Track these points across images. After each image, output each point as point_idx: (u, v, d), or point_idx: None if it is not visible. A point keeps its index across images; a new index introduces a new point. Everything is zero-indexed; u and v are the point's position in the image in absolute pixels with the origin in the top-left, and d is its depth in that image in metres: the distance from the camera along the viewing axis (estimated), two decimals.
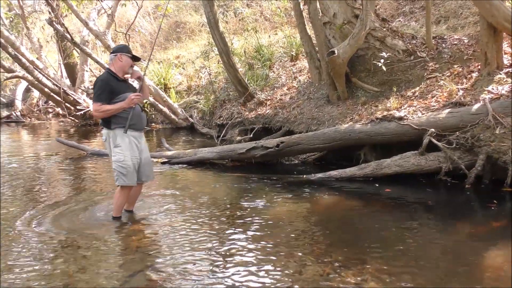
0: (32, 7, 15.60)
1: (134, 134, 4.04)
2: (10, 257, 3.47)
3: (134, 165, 4.03)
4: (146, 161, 4.21)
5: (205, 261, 3.28)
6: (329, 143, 5.77)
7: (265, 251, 3.42)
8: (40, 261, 3.39)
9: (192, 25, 15.06)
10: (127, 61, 4.06)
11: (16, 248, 3.64)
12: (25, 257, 3.46)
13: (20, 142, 10.51)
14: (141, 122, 4.11)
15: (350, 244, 3.56)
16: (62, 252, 3.57)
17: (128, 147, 4.00)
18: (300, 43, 9.10)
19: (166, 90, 11.25)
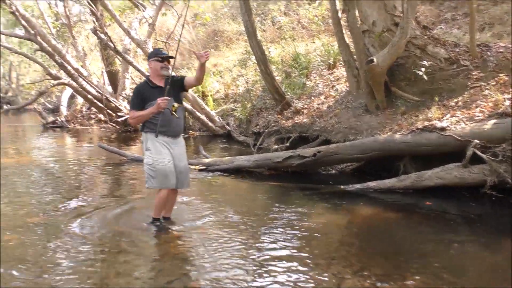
0: (77, 17, 16.26)
1: (166, 140, 4.03)
2: (49, 258, 3.59)
3: (165, 169, 3.98)
4: (181, 169, 4.12)
5: (240, 270, 3.28)
6: (367, 153, 5.68)
7: (302, 262, 3.39)
8: (79, 264, 3.49)
9: (229, 34, 15.23)
10: (155, 65, 4.07)
11: (56, 250, 3.76)
12: (64, 259, 3.57)
13: (64, 147, 10.91)
14: (172, 128, 4.03)
15: (390, 258, 3.48)
16: (101, 256, 3.67)
17: (157, 151, 4.00)
18: (337, 52, 9.03)
19: (204, 98, 11.41)
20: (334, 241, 3.87)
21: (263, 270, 3.27)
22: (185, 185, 4.27)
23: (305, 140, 7.35)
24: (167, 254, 3.69)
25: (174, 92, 4.03)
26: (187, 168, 4.29)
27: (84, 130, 13.68)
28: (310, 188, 5.64)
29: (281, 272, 3.22)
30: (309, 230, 4.12)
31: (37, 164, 8.11)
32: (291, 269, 3.26)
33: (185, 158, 4.24)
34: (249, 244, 3.82)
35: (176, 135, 4.11)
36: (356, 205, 4.94)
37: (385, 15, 6.49)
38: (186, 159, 4.25)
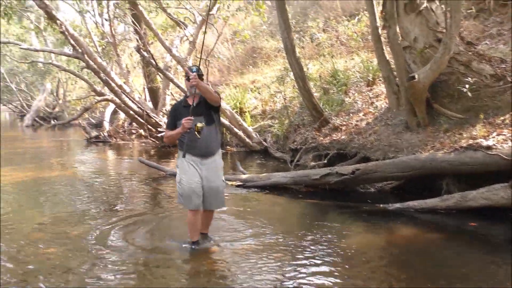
0: (122, 36, 16.89)
1: (194, 159, 3.96)
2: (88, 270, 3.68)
3: (192, 189, 3.91)
4: (209, 190, 4.00)
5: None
6: (408, 171, 5.52)
7: (339, 283, 3.31)
8: (117, 277, 3.55)
9: (268, 51, 15.37)
10: (186, 84, 4.08)
11: (95, 262, 3.86)
12: (103, 271, 3.65)
13: (106, 161, 11.26)
14: (198, 147, 3.92)
15: (431, 280, 3.35)
16: (138, 269, 3.72)
17: (184, 170, 3.97)
18: (377, 68, 8.92)
19: (242, 114, 11.50)
20: (372, 261, 3.76)
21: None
22: (213, 206, 4.13)
23: (343, 157, 7.24)
24: (203, 270, 3.70)
25: (204, 111, 3.94)
26: (218, 189, 4.08)
27: (125, 144, 14.07)
28: (348, 206, 5.54)
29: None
30: (346, 249, 4.03)
31: (80, 178, 8.39)
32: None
33: (218, 179, 4.06)
34: (285, 262, 3.78)
35: (203, 155, 3.98)
36: (396, 224, 4.80)
37: (427, 31, 6.37)
38: (218, 180, 4.06)
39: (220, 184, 4.08)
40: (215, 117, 4.06)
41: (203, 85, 3.81)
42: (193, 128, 3.77)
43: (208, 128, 3.90)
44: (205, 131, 3.84)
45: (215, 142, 4.05)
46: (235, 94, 12.38)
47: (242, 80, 14.35)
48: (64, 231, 4.78)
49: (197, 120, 3.81)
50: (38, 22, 18.38)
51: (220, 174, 4.10)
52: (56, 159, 11.27)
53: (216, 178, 4.05)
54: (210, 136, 3.96)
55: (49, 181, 7.88)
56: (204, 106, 3.95)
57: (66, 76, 26.30)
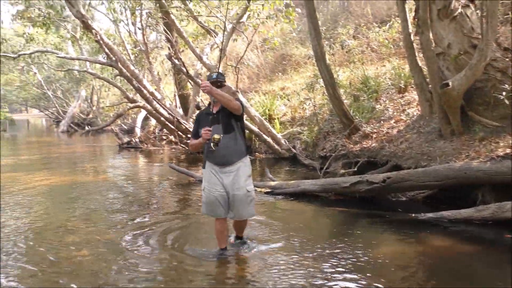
0: (154, 44, 17.25)
1: (214, 168, 3.93)
2: (120, 275, 3.74)
3: (215, 197, 3.90)
4: (234, 199, 3.90)
5: None
6: (441, 181, 5.37)
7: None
8: (148, 281, 3.60)
9: (297, 58, 15.37)
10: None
11: (126, 267, 3.92)
12: (134, 276, 3.71)
13: (137, 167, 11.48)
14: (216, 157, 3.86)
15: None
16: (168, 273, 3.75)
17: (206, 178, 3.99)
18: (409, 75, 8.77)
19: (271, 121, 11.51)
20: (402, 272, 3.67)
21: None
22: (240, 215, 3.99)
23: (374, 165, 7.13)
24: (231, 276, 3.71)
25: (224, 119, 3.87)
26: (242, 198, 3.92)
27: (156, 150, 14.31)
28: (378, 215, 5.43)
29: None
30: (375, 259, 3.95)
31: (112, 183, 8.58)
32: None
33: (241, 187, 3.90)
34: (312, 270, 3.74)
35: (222, 164, 3.90)
36: (428, 235, 4.67)
37: (462, 37, 6.22)
38: (242, 188, 3.91)
39: (244, 192, 3.90)
40: (235, 125, 3.93)
41: (217, 92, 3.69)
42: (210, 139, 3.72)
43: (227, 137, 3.81)
44: (223, 141, 3.74)
45: (235, 151, 3.90)
46: (264, 101, 12.41)
47: (272, 87, 14.38)
48: (96, 234, 4.90)
49: (216, 129, 3.76)
50: (74, 31, 19.00)
51: (244, 182, 3.92)
52: (89, 164, 11.58)
53: (239, 187, 3.90)
54: (229, 145, 3.83)
55: (82, 185, 8.10)
56: (225, 114, 3.87)
57: (100, 83, 27.09)
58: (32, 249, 4.46)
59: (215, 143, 3.69)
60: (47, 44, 19.50)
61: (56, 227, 5.27)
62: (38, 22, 14.86)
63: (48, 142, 19.89)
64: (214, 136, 3.70)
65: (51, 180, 8.65)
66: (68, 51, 23.03)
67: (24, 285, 3.60)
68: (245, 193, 3.91)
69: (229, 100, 3.75)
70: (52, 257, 4.23)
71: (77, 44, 20.37)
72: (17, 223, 5.46)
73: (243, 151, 3.97)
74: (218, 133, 3.74)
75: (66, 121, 27.25)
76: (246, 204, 3.93)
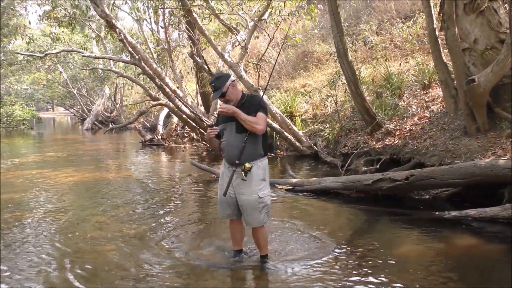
0: (176, 42, 17.39)
1: (226, 167, 3.73)
2: (142, 269, 3.80)
3: (222, 198, 3.68)
4: (241, 203, 3.62)
5: None
6: (465, 178, 5.26)
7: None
8: (168, 277, 3.65)
9: (319, 55, 15.27)
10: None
11: (148, 262, 3.98)
12: (155, 271, 3.77)
13: (159, 163, 11.62)
14: (227, 156, 3.67)
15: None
16: (184, 271, 3.78)
17: (220, 177, 3.85)
18: (433, 71, 8.62)
19: (292, 118, 11.49)
20: (427, 272, 3.61)
21: None
22: (248, 221, 3.67)
23: (396, 162, 7.04)
24: (249, 275, 3.71)
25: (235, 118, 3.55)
26: (254, 203, 3.57)
27: (177, 148, 14.45)
28: (400, 213, 5.37)
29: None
30: (399, 258, 3.91)
31: (135, 179, 8.71)
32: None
33: (248, 192, 3.56)
34: (334, 268, 3.71)
35: (230, 162, 3.63)
36: (453, 234, 4.59)
37: (489, 32, 6.08)
38: (249, 194, 3.56)
39: (254, 198, 3.55)
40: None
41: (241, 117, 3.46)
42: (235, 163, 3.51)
43: (240, 137, 3.52)
44: (233, 140, 3.55)
45: (246, 152, 3.52)
46: (285, 98, 12.39)
47: (293, 84, 14.34)
48: (120, 230, 4.98)
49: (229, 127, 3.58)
50: (99, 31, 19.35)
51: (255, 187, 3.56)
52: (113, 161, 11.79)
53: (246, 191, 3.57)
54: (239, 145, 3.51)
55: (106, 182, 8.25)
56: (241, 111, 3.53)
57: (123, 81, 27.50)
58: (56, 243, 4.56)
59: (245, 172, 3.46)
60: (72, 44, 19.92)
61: (81, 222, 5.39)
62: (64, 22, 15.17)
63: (73, 140, 20.32)
64: (245, 164, 3.47)
65: (76, 176, 8.84)
66: (92, 50, 23.50)
67: (48, 278, 3.70)
68: (256, 199, 3.55)
69: (252, 124, 3.46)
70: (78, 252, 4.32)
71: (101, 43, 20.75)
72: (43, 217, 5.60)
73: (256, 152, 3.58)
74: (231, 131, 3.56)
75: (91, 119, 27.77)
76: (255, 210, 3.57)
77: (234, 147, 3.54)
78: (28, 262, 4.07)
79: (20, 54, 19.29)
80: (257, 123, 3.47)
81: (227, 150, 3.62)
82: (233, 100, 3.58)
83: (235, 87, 3.62)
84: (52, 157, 12.88)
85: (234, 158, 3.53)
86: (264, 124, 3.55)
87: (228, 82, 3.56)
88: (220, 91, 3.54)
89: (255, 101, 3.62)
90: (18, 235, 4.88)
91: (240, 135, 3.52)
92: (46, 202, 6.56)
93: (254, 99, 3.66)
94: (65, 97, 36.18)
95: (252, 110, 3.51)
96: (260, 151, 3.61)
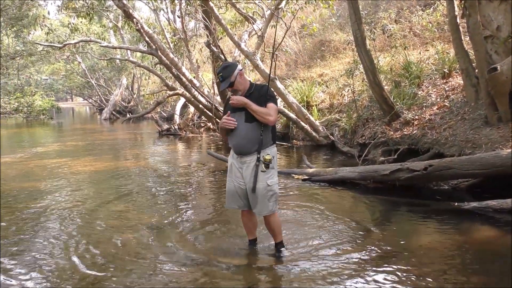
0: (193, 32, 17.38)
1: (234, 157, 3.68)
2: (158, 259, 3.85)
3: (229, 188, 3.72)
4: (250, 192, 3.57)
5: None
6: (486, 169, 5.16)
7: (409, 281, 3.19)
8: (183, 267, 3.68)
9: (336, 43, 15.09)
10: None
11: (165, 252, 4.02)
12: (171, 261, 3.82)
13: (176, 153, 11.70)
14: (235, 145, 3.60)
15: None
16: (200, 262, 3.79)
17: (229, 167, 3.78)
18: (453, 59, 8.44)
19: (309, 108, 11.41)
20: (446, 263, 3.56)
21: (366, 285, 3.13)
22: (259, 210, 3.61)
23: (414, 153, 6.95)
24: (263, 266, 3.71)
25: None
26: (263, 191, 3.54)
27: (194, 137, 14.52)
28: (418, 203, 5.30)
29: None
30: (417, 249, 3.87)
31: (153, 169, 8.79)
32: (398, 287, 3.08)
33: (260, 180, 3.53)
34: (351, 258, 3.69)
35: (239, 153, 3.61)
36: (473, 225, 4.52)
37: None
38: (261, 181, 3.52)
39: (263, 186, 3.52)
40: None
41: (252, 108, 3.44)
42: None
43: (249, 126, 3.48)
44: (242, 129, 3.50)
45: (254, 140, 3.50)
46: (302, 87, 12.30)
47: (310, 74, 14.23)
48: (137, 219, 5.04)
49: (238, 116, 3.51)
50: (116, 21, 19.45)
51: (262, 175, 3.52)
52: (130, 151, 11.92)
53: (260, 178, 3.52)
54: (248, 134, 3.49)
55: (124, 171, 8.35)
56: (251, 100, 3.48)
57: (140, 71, 27.68)
58: (74, 231, 4.64)
59: (266, 164, 3.47)
60: (90, 34, 20.10)
61: (99, 210, 5.47)
62: (82, 13, 15.29)
63: (91, 129, 20.60)
64: (265, 156, 3.47)
65: (95, 165, 8.96)
66: (110, 40, 23.65)
67: (62, 264, 3.77)
68: (265, 187, 3.53)
69: (264, 115, 3.43)
70: (96, 239, 4.39)
71: (119, 33, 20.89)
72: (62, 206, 5.70)
73: (268, 141, 3.56)
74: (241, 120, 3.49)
75: (109, 108, 28.06)
76: (265, 198, 3.54)
77: (244, 137, 3.50)
78: (43, 247, 4.17)
79: (39, 45, 19.52)
80: (269, 114, 3.43)
81: (236, 141, 3.55)
82: (241, 89, 3.53)
83: (243, 77, 3.55)
84: (72, 146, 13.09)
85: (245, 148, 3.51)
86: (276, 115, 3.51)
87: (236, 71, 3.48)
88: (228, 81, 3.47)
89: (264, 91, 3.54)
90: (36, 221, 4.99)
91: (250, 124, 3.47)
92: (65, 190, 6.67)
93: (263, 89, 3.57)
94: (83, 87, 36.62)
95: (261, 100, 3.46)
96: (270, 139, 3.58)
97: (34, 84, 26.40)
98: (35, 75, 29.02)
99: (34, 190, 6.64)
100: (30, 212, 5.43)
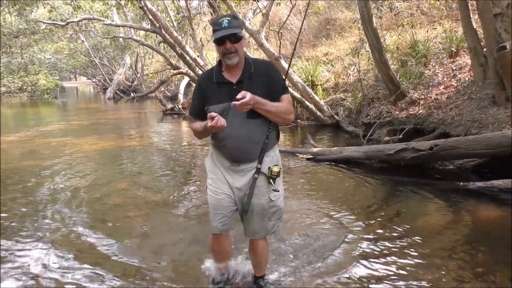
0: (197, 10, 17.16)
1: (224, 165, 2.61)
2: (167, 235, 3.88)
3: (218, 202, 2.59)
4: (252, 208, 2.57)
5: (350, 270, 3.20)
6: (492, 149, 5.11)
7: (415, 261, 3.20)
8: (192, 243, 3.70)
9: (342, 22, 14.88)
10: (217, 49, 2.51)
11: (166, 228, 4.05)
12: (172, 235, 3.83)
13: (180, 132, 11.70)
14: (231, 149, 2.53)
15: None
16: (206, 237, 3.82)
17: (211, 170, 2.68)
18: (461, 38, 8.31)
19: (313, 87, 11.32)
20: (452, 241, 3.57)
21: (372, 266, 3.15)
22: (255, 231, 2.67)
23: (420, 132, 6.91)
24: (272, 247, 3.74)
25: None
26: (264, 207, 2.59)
27: None
28: (423, 183, 5.29)
29: (393, 269, 3.08)
30: (422, 228, 3.89)
31: (157, 147, 8.81)
32: (405, 269, 3.09)
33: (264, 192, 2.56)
34: (357, 239, 3.70)
35: (238, 160, 2.56)
36: (478, 204, 4.52)
37: None
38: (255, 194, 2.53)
39: (265, 200, 2.57)
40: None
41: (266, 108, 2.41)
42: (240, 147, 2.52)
43: (252, 123, 2.47)
44: (243, 128, 2.47)
45: (258, 145, 2.51)
46: (307, 67, 12.19)
47: (315, 53, 14.06)
48: (142, 197, 5.08)
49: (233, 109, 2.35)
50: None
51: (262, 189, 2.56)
52: (135, 130, 11.93)
53: (261, 192, 2.56)
54: (251, 135, 2.49)
55: (129, 150, 8.37)
56: (253, 86, 2.44)
57: (144, 50, 27.47)
58: (78, 208, 4.68)
59: (273, 178, 2.52)
60: (93, 12, 19.85)
61: (105, 188, 5.51)
62: None
63: (95, 109, 20.59)
64: (272, 168, 2.52)
65: (99, 144, 8.99)
66: (113, 18, 23.38)
67: (72, 244, 3.81)
68: (267, 202, 2.59)
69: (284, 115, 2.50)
70: (104, 217, 4.43)
71: (122, 11, 20.62)
72: (68, 184, 5.74)
73: (274, 143, 2.65)
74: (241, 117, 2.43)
75: (112, 88, 27.97)
76: (265, 217, 2.61)
77: (247, 139, 2.49)
78: (47, 224, 4.21)
79: (42, 23, 19.37)
80: (290, 112, 2.52)
81: (236, 144, 2.50)
82: (240, 58, 2.46)
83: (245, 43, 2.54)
84: (76, 125, 13.11)
85: (249, 154, 2.52)
86: (293, 111, 2.62)
87: (243, 30, 2.50)
88: (235, 32, 2.36)
89: (275, 75, 2.53)
90: (41, 200, 5.03)
91: (254, 121, 2.47)
92: (70, 168, 6.70)
93: (269, 69, 2.54)
94: (87, 67, 36.46)
95: (273, 88, 2.48)
96: (275, 138, 2.65)
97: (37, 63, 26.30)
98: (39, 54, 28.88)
99: (39, 168, 6.67)
100: (34, 189, 5.46)
